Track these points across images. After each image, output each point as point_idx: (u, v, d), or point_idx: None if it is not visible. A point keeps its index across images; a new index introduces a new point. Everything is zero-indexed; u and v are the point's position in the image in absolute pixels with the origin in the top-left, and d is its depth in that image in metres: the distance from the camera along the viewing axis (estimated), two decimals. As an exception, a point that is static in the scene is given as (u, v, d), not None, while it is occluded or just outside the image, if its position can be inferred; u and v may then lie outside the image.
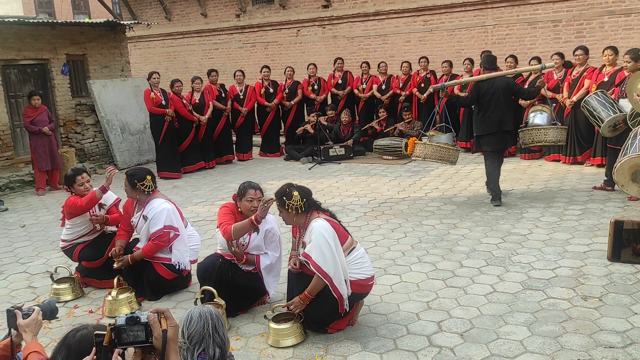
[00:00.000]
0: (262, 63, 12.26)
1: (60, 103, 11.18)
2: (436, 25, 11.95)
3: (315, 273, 3.68)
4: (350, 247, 3.91)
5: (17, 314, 2.31)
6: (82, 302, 4.77)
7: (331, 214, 3.98)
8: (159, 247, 4.60)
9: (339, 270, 3.70)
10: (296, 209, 3.81)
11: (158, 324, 1.83)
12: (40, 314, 2.36)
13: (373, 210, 7.00)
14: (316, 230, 3.71)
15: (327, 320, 3.88)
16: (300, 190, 3.87)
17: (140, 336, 1.82)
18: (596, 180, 7.59)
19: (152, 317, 1.83)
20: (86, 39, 11.73)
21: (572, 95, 8.46)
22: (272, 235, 4.31)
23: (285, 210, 3.84)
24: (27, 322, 2.30)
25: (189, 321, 2.27)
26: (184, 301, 4.68)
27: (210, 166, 10.52)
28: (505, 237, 5.69)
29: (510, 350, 3.55)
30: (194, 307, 2.24)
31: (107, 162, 11.30)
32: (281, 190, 3.89)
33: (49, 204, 8.44)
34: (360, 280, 3.87)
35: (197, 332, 2.24)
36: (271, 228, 4.30)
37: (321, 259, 3.66)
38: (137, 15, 15.89)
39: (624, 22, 10.05)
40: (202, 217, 7.17)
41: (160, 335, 1.82)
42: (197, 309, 2.32)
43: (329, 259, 3.65)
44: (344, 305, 3.76)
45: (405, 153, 9.97)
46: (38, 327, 2.34)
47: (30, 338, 2.29)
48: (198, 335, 2.23)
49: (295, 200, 3.79)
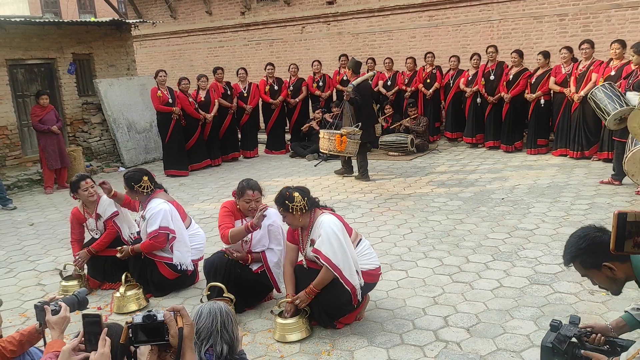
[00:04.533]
0: (267, 60, 12.26)
1: (67, 102, 11.23)
2: (441, 20, 11.91)
3: (325, 265, 3.71)
4: (357, 240, 3.96)
5: (46, 309, 2.33)
6: (90, 299, 4.76)
7: (332, 210, 4.00)
8: (155, 247, 4.64)
9: (350, 262, 3.74)
10: (300, 209, 3.82)
11: (174, 322, 1.86)
12: (67, 310, 2.37)
13: (379, 206, 7.00)
14: (325, 224, 3.75)
15: (340, 312, 3.90)
16: (299, 190, 3.89)
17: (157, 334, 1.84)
18: (603, 174, 7.56)
19: (169, 315, 1.86)
20: (92, 38, 11.77)
21: (580, 90, 8.43)
22: (275, 229, 4.32)
23: (290, 213, 3.85)
24: (55, 320, 2.31)
25: (198, 317, 2.29)
26: (191, 297, 4.71)
27: (217, 164, 10.55)
28: (511, 232, 5.68)
29: (516, 344, 3.56)
30: (205, 303, 2.25)
31: (114, 160, 11.36)
32: (281, 196, 3.89)
33: (57, 203, 8.50)
34: (370, 270, 3.94)
35: (205, 328, 2.25)
36: (273, 222, 4.30)
37: (331, 252, 3.69)
38: (143, 13, 15.93)
39: (631, 15, 9.97)
40: (209, 215, 7.20)
41: (176, 333, 1.85)
42: (207, 305, 2.33)
43: (338, 252, 3.69)
44: (357, 296, 3.80)
45: (411, 149, 9.98)
46: (66, 324, 2.36)
47: (57, 335, 2.30)
48: (206, 331, 2.25)
49: (298, 201, 3.81)
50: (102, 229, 5.01)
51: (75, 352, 1.90)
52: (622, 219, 1.29)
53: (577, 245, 2.47)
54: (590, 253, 2.43)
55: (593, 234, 2.45)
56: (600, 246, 2.38)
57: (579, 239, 2.48)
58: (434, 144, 10.84)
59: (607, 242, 2.37)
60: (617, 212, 1.29)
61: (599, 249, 2.38)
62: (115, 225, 4.98)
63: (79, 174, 5.07)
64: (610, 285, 2.49)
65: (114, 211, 4.97)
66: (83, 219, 5.06)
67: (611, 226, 1.29)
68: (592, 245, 2.42)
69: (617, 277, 2.42)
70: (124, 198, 4.93)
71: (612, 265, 2.38)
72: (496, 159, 9.30)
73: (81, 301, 2.54)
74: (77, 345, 1.91)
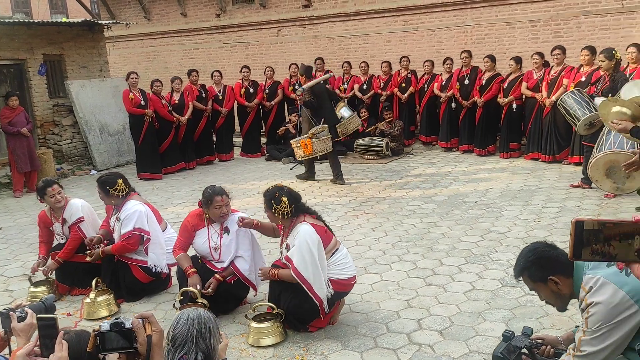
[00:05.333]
0: (243, 63, 12.21)
1: (37, 104, 11.01)
2: (416, 25, 12.01)
3: (293, 276, 3.71)
4: (334, 249, 3.93)
5: (11, 316, 2.27)
6: (60, 305, 4.68)
7: (317, 216, 3.98)
8: (127, 249, 4.57)
9: (320, 277, 3.73)
10: (282, 215, 3.81)
11: (143, 330, 1.83)
12: (34, 317, 2.31)
13: (354, 210, 7.01)
14: (301, 235, 3.73)
15: (308, 318, 3.89)
16: (290, 195, 3.86)
17: (125, 342, 1.81)
18: (574, 178, 7.70)
19: (137, 322, 1.83)
20: (63, 38, 11.57)
21: (551, 95, 8.58)
22: (244, 233, 4.30)
23: (271, 212, 3.85)
24: (21, 327, 2.25)
25: (176, 323, 2.25)
26: (164, 302, 4.65)
27: (191, 167, 10.45)
28: (484, 235, 5.75)
29: (488, 346, 3.59)
30: (187, 309, 2.22)
31: (85, 163, 11.17)
32: (270, 193, 3.88)
33: (26, 206, 8.31)
34: (342, 280, 3.90)
35: (180, 335, 2.21)
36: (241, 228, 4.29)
37: (302, 265, 3.69)
38: (116, 14, 15.72)
39: (600, 22, 10.21)
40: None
41: (145, 340, 1.82)
42: (187, 312, 2.28)
43: (309, 266, 3.68)
44: (324, 308, 3.80)
45: (386, 153, 10.03)
46: (33, 331, 2.30)
47: (23, 343, 2.24)
48: (181, 338, 2.21)
49: (283, 207, 3.79)
50: (67, 234, 4.91)
51: (30, 357, 1.85)
52: (579, 227, 1.31)
53: (526, 257, 2.55)
54: (537, 266, 2.50)
55: (542, 248, 2.54)
56: (547, 260, 2.48)
57: (528, 252, 2.56)
58: (409, 148, 10.92)
59: (555, 257, 2.47)
60: (574, 220, 1.32)
61: (547, 263, 2.48)
62: (80, 231, 4.85)
63: (45, 180, 4.97)
64: (556, 300, 2.55)
65: (79, 217, 4.85)
66: (50, 223, 4.97)
67: (569, 234, 1.31)
68: (540, 258, 2.50)
69: (562, 293, 2.49)
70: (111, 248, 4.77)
71: (557, 280, 2.45)
72: (470, 163, 9.41)
73: (48, 307, 2.48)
74: (32, 350, 1.86)
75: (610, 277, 2.26)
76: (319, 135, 8.04)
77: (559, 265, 2.46)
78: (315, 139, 8.01)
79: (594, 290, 2.29)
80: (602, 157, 5.85)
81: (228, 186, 4.63)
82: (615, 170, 5.81)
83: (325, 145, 8.12)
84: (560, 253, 2.50)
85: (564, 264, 2.45)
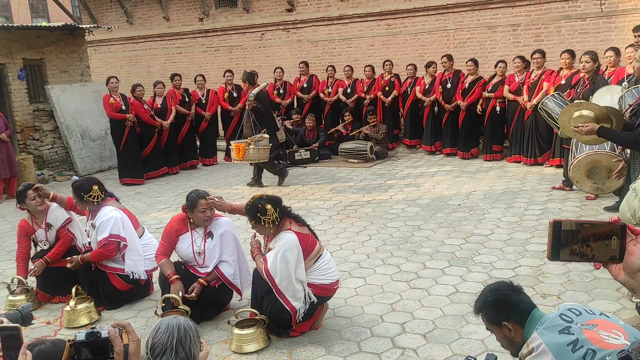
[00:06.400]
0: (226, 67, 12.15)
1: (17, 109, 10.86)
2: (399, 29, 12.07)
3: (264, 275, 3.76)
4: (318, 255, 3.92)
5: None
6: (39, 314, 4.62)
7: (302, 221, 3.97)
8: (105, 256, 4.51)
9: (294, 287, 3.74)
10: (272, 222, 3.80)
11: (119, 339, 1.78)
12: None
13: (338, 214, 7.01)
14: (281, 242, 3.74)
15: (290, 323, 3.86)
16: (271, 201, 3.85)
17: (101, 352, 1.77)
18: (555, 180, 7.77)
19: (113, 332, 1.78)
20: (44, 43, 11.43)
21: (532, 98, 8.66)
22: (228, 237, 4.28)
23: (261, 225, 3.83)
24: None
25: (155, 331, 2.21)
26: (145, 309, 4.59)
27: (174, 172, 10.37)
28: (467, 238, 5.77)
29: (471, 349, 3.60)
30: (167, 317, 2.18)
31: (67, 168, 11.03)
32: (253, 207, 3.84)
33: (5, 213, 8.18)
34: (324, 284, 3.90)
35: (160, 344, 2.17)
36: (225, 231, 4.27)
37: (273, 269, 3.70)
38: (98, 18, 15.58)
39: (580, 26, 10.34)
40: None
41: (121, 350, 1.77)
42: (166, 320, 2.24)
43: (282, 273, 3.69)
44: (297, 319, 3.79)
45: (370, 156, 10.05)
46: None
47: None
48: (161, 347, 2.17)
49: (270, 214, 3.78)
50: (52, 240, 4.84)
51: None
52: (557, 227, 1.31)
53: (486, 297, 2.51)
54: (494, 308, 2.45)
55: (503, 291, 2.48)
56: (506, 304, 2.42)
57: (489, 292, 2.52)
58: (393, 151, 10.95)
59: (514, 303, 2.41)
60: (552, 220, 1.31)
61: (504, 307, 2.42)
62: (70, 232, 4.83)
63: (25, 183, 4.91)
64: (509, 345, 2.49)
65: (66, 218, 4.83)
66: (32, 231, 4.88)
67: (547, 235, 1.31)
68: (498, 301, 2.45)
69: (514, 340, 2.41)
70: (66, 201, 4.79)
71: (510, 327, 2.39)
72: (453, 166, 9.46)
73: (25, 317, 2.42)
74: None
75: (553, 348, 2.15)
76: (258, 144, 8.07)
77: (516, 312, 2.39)
78: (252, 146, 8.03)
79: (534, 354, 2.21)
80: (585, 157, 5.91)
81: (212, 191, 4.61)
82: (596, 170, 5.87)
83: (259, 154, 8.14)
84: (521, 299, 2.43)
85: (521, 311, 2.38)
